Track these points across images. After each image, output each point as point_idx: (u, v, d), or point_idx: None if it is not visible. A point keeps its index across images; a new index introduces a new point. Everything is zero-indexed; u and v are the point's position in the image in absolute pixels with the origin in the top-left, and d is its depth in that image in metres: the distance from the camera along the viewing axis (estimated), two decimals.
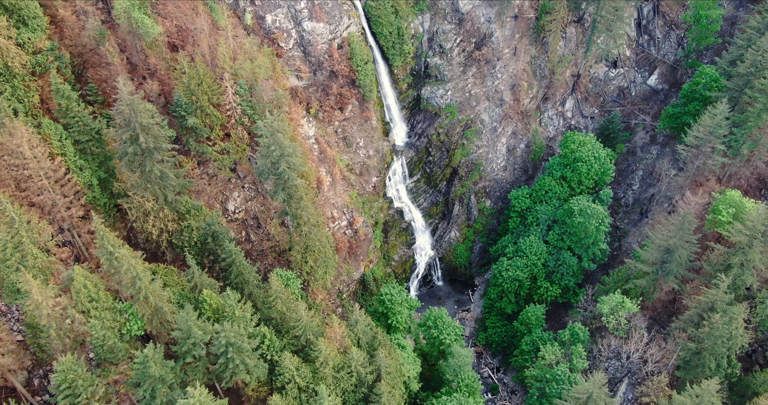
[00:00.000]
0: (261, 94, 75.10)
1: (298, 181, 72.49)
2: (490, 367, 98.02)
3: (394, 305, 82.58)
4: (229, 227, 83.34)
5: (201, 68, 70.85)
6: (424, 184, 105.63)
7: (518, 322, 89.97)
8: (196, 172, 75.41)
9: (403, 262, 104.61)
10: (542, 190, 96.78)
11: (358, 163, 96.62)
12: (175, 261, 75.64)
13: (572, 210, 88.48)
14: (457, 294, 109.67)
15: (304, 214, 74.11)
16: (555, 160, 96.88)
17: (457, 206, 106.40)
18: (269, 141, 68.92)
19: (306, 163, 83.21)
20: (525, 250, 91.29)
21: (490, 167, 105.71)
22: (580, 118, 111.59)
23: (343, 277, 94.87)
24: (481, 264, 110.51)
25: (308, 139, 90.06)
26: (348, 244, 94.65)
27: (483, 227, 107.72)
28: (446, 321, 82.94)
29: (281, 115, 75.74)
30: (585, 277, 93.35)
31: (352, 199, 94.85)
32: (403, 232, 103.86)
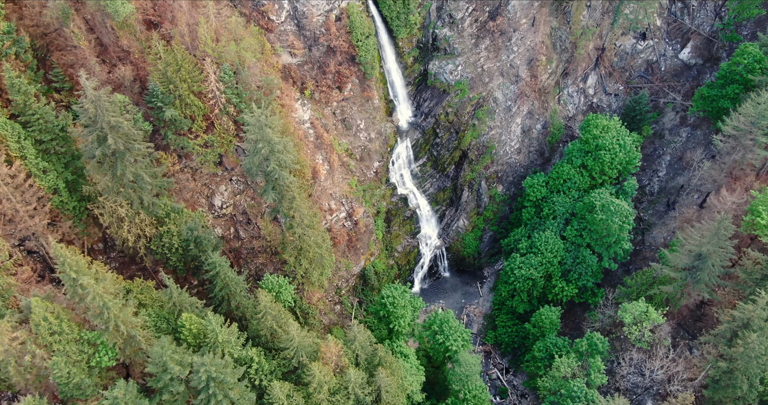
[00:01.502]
0: (248, 79, 68.74)
1: (290, 180, 66.91)
2: (499, 367, 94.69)
3: (397, 308, 78.57)
4: (216, 223, 78.54)
5: (179, 52, 64.31)
6: (430, 168, 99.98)
7: (531, 325, 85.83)
8: (177, 168, 69.74)
9: (406, 253, 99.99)
10: (560, 179, 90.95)
11: (358, 148, 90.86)
12: (156, 265, 71.02)
13: (593, 205, 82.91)
14: (465, 286, 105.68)
15: (297, 215, 68.95)
16: (575, 146, 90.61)
17: (466, 192, 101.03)
18: (257, 137, 63.23)
19: (300, 153, 77.50)
20: (540, 246, 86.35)
21: (503, 150, 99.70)
22: (602, 96, 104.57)
23: (341, 273, 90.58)
24: (491, 254, 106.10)
25: (303, 124, 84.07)
26: (347, 237, 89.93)
27: (494, 215, 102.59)
28: (453, 325, 79.02)
29: (270, 106, 69.50)
30: (604, 275, 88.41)
31: (352, 187, 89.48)
32: (407, 220, 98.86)
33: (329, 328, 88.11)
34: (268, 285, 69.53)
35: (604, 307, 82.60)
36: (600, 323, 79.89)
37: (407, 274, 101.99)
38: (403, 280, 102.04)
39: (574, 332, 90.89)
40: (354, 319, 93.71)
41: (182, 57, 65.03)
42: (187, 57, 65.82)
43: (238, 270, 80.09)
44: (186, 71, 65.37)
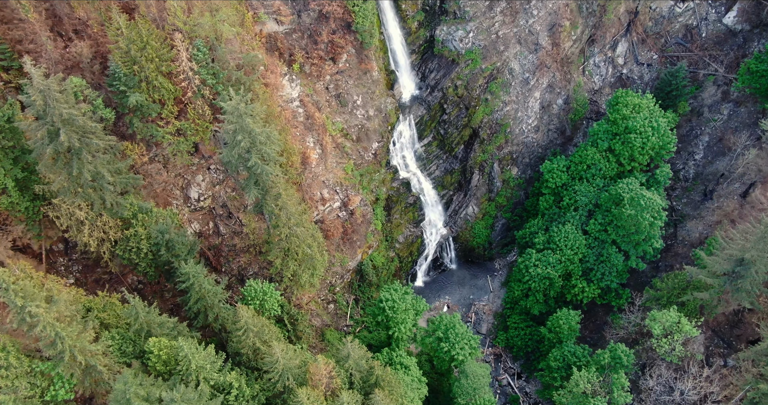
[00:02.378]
0: (225, 57, 64.43)
1: (275, 175, 63.32)
2: (511, 372, 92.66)
3: (397, 313, 75.98)
4: (192, 218, 75.38)
5: (144, 27, 59.88)
6: (436, 148, 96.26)
7: (546, 329, 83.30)
8: (146, 160, 65.89)
9: (409, 243, 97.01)
10: (583, 164, 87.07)
11: (354, 127, 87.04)
12: (124, 270, 68.13)
13: (621, 197, 79.30)
14: (474, 280, 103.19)
15: (284, 213, 65.59)
16: (601, 127, 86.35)
17: (477, 175, 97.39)
18: (235, 128, 59.33)
19: (287, 138, 73.60)
20: (559, 242, 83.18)
21: (518, 128, 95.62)
22: (633, 66, 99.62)
23: (335, 268, 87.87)
24: (504, 244, 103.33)
25: (291, 103, 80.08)
26: (342, 228, 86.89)
27: (507, 201, 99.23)
28: (459, 331, 76.64)
29: (251, 90, 65.13)
30: (630, 274, 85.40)
31: (348, 173, 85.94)
32: (409, 207, 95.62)
33: (322, 331, 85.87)
34: (251, 292, 66.77)
35: (629, 311, 79.68)
36: (624, 331, 77.11)
37: (409, 266, 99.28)
38: (404, 274, 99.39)
39: (594, 336, 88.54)
40: (350, 320, 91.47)
41: (148, 32, 60.64)
42: (153, 32, 61.46)
43: (218, 268, 77.44)
44: (153, 49, 61.05)
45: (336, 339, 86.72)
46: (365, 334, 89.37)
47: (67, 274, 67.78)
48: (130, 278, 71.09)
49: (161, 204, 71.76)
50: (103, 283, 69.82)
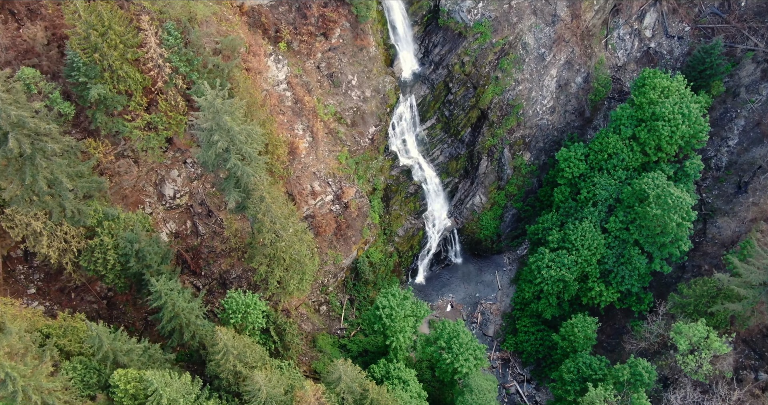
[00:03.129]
0: (200, 41, 60.85)
1: (258, 177, 60.33)
2: (519, 379, 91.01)
3: (395, 321, 73.76)
4: (168, 217, 72.72)
5: (105, 8, 55.92)
6: (440, 131, 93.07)
7: (560, 336, 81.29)
8: (111, 158, 62.69)
9: (409, 236, 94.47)
10: (603, 153, 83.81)
11: (349, 110, 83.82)
12: (90, 283, 65.66)
13: (645, 194, 76.30)
14: (480, 275, 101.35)
15: (268, 217, 62.61)
16: (625, 112, 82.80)
17: (485, 162, 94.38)
18: (211, 126, 56.14)
19: (272, 128, 70.25)
20: (575, 241, 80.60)
21: (532, 109, 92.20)
22: (663, 39, 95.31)
23: (328, 267, 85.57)
24: (514, 236, 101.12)
25: (277, 86, 76.68)
26: (335, 224, 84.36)
27: (518, 190, 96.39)
28: (464, 340, 74.89)
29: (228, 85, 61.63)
30: (653, 277, 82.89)
31: (341, 162, 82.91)
32: (410, 197, 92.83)
33: (313, 336, 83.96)
34: (232, 305, 64.24)
35: (651, 319, 77.45)
36: (646, 342, 74.86)
37: (410, 261, 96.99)
38: (404, 269, 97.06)
39: (611, 341, 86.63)
40: (344, 322, 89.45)
41: (110, 14, 56.82)
42: (117, 14, 57.64)
43: (197, 271, 75.04)
44: (116, 34, 57.32)
45: (329, 345, 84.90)
46: (360, 338, 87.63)
47: (27, 284, 65.43)
48: (99, 286, 68.65)
49: (131, 205, 68.99)
50: (69, 291, 67.57)
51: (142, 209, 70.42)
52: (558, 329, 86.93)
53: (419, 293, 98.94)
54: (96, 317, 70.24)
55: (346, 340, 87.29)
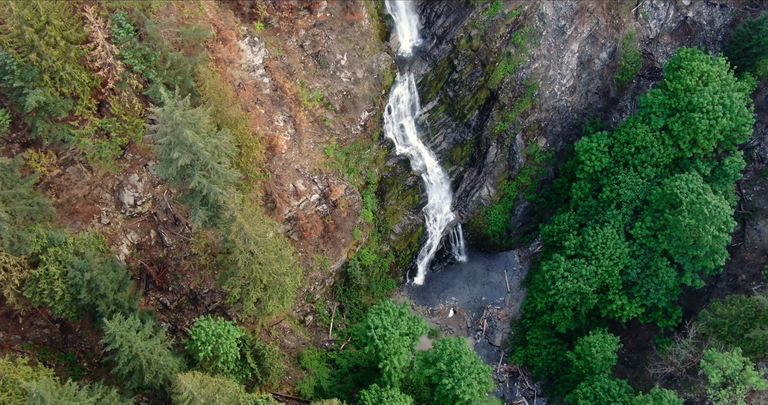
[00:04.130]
0: (157, 33, 56.45)
1: (228, 195, 56.88)
2: (529, 395, 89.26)
3: (389, 343, 71.27)
4: (128, 226, 69.78)
5: (41, 0, 51.05)
6: (443, 114, 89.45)
7: (575, 354, 79.10)
8: (57, 171, 58.77)
9: (407, 234, 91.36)
10: (630, 145, 79.86)
11: (338, 94, 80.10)
12: (34, 316, 62.75)
13: (678, 200, 72.46)
14: (487, 275, 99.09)
15: (240, 239, 59.06)
16: (656, 98, 78.49)
17: (494, 149, 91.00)
18: (170, 141, 52.43)
19: (246, 127, 66.11)
20: (595, 249, 77.50)
21: (549, 90, 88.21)
22: (702, 7, 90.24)
23: (314, 273, 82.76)
24: (525, 231, 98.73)
25: (253, 72, 72.69)
26: (321, 225, 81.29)
27: (531, 180, 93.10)
28: (466, 363, 73.00)
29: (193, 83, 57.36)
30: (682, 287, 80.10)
31: (329, 156, 79.24)
32: (408, 190, 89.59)
33: (298, 352, 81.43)
34: (201, 335, 61.28)
35: (678, 340, 74.91)
36: (673, 366, 72.31)
37: (408, 260, 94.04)
38: (401, 269, 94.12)
39: (633, 356, 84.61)
40: (332, 333, 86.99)
41: (48, 6, 51.97)
42: (56, 6, 52.96)
43: (164, 287, 72.11)
44: (56, 29, 52.93)
45: (315, 360, 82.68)
46: (351, 351, 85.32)
47: None
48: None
49: (84, 217, 65.47)
50: (15, 317, 64.73)
51: (98, 220, 67.18)
52: (573, 343, 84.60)
53: (418, 296, 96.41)
54: (48, 343, 67.81)
55: (335, 353, 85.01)
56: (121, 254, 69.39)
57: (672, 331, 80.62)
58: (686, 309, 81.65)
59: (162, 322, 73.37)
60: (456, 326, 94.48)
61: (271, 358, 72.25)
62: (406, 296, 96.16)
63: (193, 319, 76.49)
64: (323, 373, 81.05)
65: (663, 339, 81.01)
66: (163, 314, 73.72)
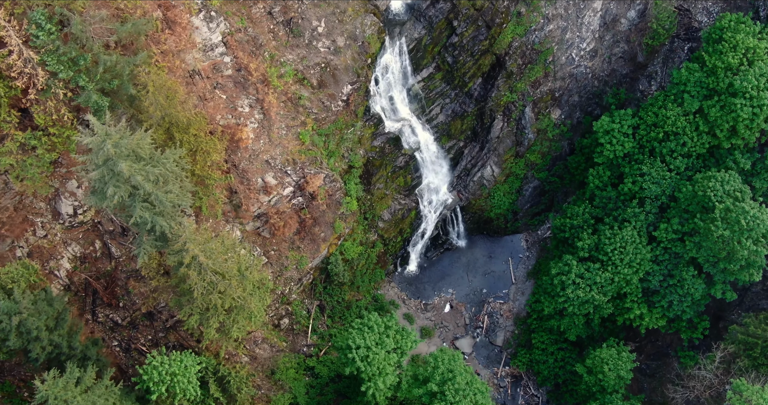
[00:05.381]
0: (86, 33, 51.91)
1: (178, 226, 54.05)
2: (533, 402, 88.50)
3: (373, 364, 70.07)
4: (68, 238, 67.28)
5: None
6: (441, 82, 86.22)
7: (585, 368, 78.23)
8: None
9: (397, 220, 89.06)
10: (658, 129, 76.06)
11: (315, 67, 76.48)
12: None
13: (710, 203, 68.90)
14: (489, 263, 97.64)
15: (194, 272, 56.45)
16: (692, 75, 74.11)
17: (500, 123, 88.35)
18: (102, 175, 49.11)
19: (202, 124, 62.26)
20: (612, 253, 74.98)
21: (566, 55, 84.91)
22: None
23: (289, 273, 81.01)
24: (534, 213, 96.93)
25: (211, 51, 68.36)
26: (297, 220, 78.65)
27: (542, 157, 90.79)
28: (461, 384, 72.28)
29: (130, 88, 52.92)
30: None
31: (305, 143, 75.81)
32: (399, 171, 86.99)
33: (272, 363, 79.82)
34: (153, 375, 59.56)
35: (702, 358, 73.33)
36: (696, 391, 70.92)
37: (398, 248, 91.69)
38: (391, 258, 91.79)
39: (652, 364, 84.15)
40: (311, 336, 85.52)
41: None
42: None
43: (113, 303, 70.11)
44: None
45: (291, 370, 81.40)
46: (332, 357, 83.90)
47: None
48: None
49: (15, 231, 62.43)
50: None
51: (32, 233, 64.37)
52: (584, 351, 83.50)
53: (410, 287, 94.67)
54: None
55: (314, 360, 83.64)
56: (62, 269, 67.15)
57: (697, 344, 78.88)
58: (714, 315, 79.88)
59: (114, 340, 71.96)
60: (453, 323, 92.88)
61: (238, 383, 70.91)
62: (396, 287, 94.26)
63: (149, 336, 75.27)
64: (300, 387, 79.96)
65: (686, 352, 79.54)
66: (114, 332, 71.91)
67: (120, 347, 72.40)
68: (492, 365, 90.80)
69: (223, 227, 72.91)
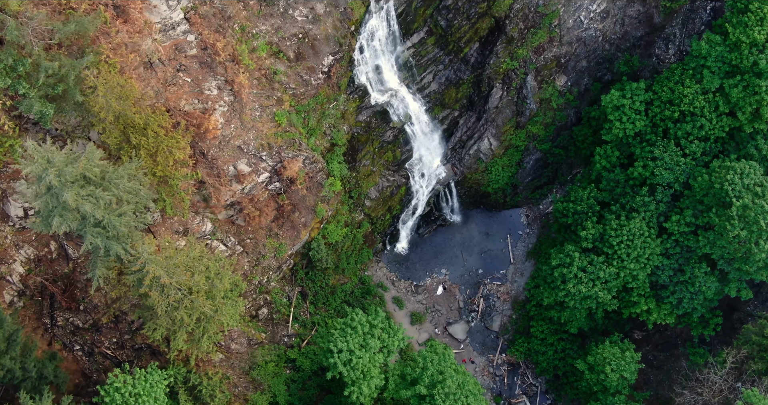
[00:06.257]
0: (23, 36, 49.76)
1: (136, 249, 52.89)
2: (531, 392, 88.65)
3: (357, 369, 70.12)
4: (20, 240, 66.01)
5: None
6: (434, 47, 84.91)
7: (586, 365, 78.52)
8: None
9: (385, 198, 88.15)
10: (674, 108, 73.91)
11: (291, 38, 74.92)
12: None
13: (727, 198, 67.08)
14: (486, 240, 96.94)
15: (155, 292, 55.72)
16: (713, 49, 71.25)
17: (499, 91, 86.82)
18: (47, 205, 47.77)
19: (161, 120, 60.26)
20: (618, 247, 73.70)
21: (573, 18, 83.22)
22: None
23: (267, 262, 79.66)
24: (536, 186, 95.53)
25: (173, 30, 65.98)
26: (274, 207, 76.96)
27: (545, 128, 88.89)
28: (451, 388, 72.01)
29: (77, 95, 50.57)
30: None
31: (281, 124, 73.54)
32: (387, 146, 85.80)
33: (249, 357, 79.32)
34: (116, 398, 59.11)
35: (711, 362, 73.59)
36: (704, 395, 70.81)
37: (387, 225, 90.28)
38: (379, 236, 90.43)
39: (660, 355, 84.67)
40: (293, 324, 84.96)
41: None
42: None
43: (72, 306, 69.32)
44: None
45: (272, 364, 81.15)
46: (316, 348, 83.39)
47: None
48: None
49: None
50: None
51: None
52: (586, 342, 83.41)
53: (400, 267, 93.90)
54: None
55: (296, 351, 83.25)
56: (15, 274, 65.93)
57: (708, 339, 78.53)
58: (728, 306, 79.66)
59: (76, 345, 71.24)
60: (446, 306, 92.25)
61: (211, 390, 70.67)
62: (385, 267, 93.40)
63: (114, 338, 74.44)
64: (280, 383, 79.80)
65: (696, 349, 79.23)
66: (75, 336, 71.13)
67: (83, 351, 71.77)
68: (487, 352, 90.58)
69: (192, 220, 71.36)
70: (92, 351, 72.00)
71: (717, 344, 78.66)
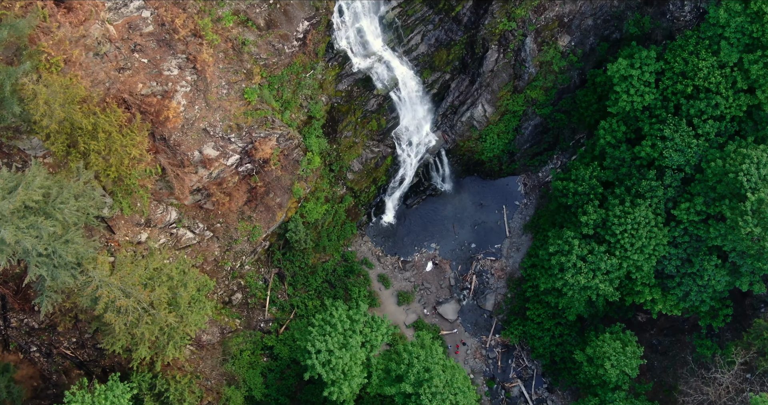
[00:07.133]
0: None
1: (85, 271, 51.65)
2: (527, 375, 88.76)
3: (337, 370, 71.04)
4: None
5: None
6: (422, 6, 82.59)
7: (585, 356, 78.56)
8: None
9: (369, 170, 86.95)
10: (687, 82, 71.57)
11: (261, 5, 73.47)
12: None
13: (742, 189, 65.56)
14: (479, 210, 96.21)
15: (111, 314, 55.18)
16: (733, 18, 68.52)
17: (494, 54, 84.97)
18: None
19: (113, 117, 58.07)
20: (621, 236, 72.39)
21: None
22: None
23: (240, 246, 78.79)
24: (535, 153, 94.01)
25: (124, 8, 62.80)
26: (246, 190, 75.54)
27: (546, 93, 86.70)
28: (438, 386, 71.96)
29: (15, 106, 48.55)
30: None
31: (251, 102, 71.31)
32: (371, 115, 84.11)
33: (223, 349, 78.77)
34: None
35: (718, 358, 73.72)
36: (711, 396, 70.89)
37: (372, 197, 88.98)
38: (363, 208, 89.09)
39: (665, 340, 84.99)
40: (269, 308, 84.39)
41: None
42: None
43: (26, 308, 68.57)
44: None
45: (246, 354, 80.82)
46: (296, 333, 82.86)
47: None
48: None
49: None
50: None
51: None
52: (585, 329, 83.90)
53: (386, 241, 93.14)
54: None
55: (273, 337, 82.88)
56: None
57: (716, 331, 78.26)
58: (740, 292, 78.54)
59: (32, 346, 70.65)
60: (435, 284, 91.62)
61: (179, 394, 70.49)
62: (370, 242, 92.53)
63: (73, 338, 73.62)
64: (256, 375, 79.88)
65: (704, 340, 78.82)
66: (31, 337, 70.47)
67: (40, 352, 71.38)
68: (480, 333, 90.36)
69: (155, 210, 69.75)
70: (50, 352, 71.57)
71: (727, 333, 78.32)
